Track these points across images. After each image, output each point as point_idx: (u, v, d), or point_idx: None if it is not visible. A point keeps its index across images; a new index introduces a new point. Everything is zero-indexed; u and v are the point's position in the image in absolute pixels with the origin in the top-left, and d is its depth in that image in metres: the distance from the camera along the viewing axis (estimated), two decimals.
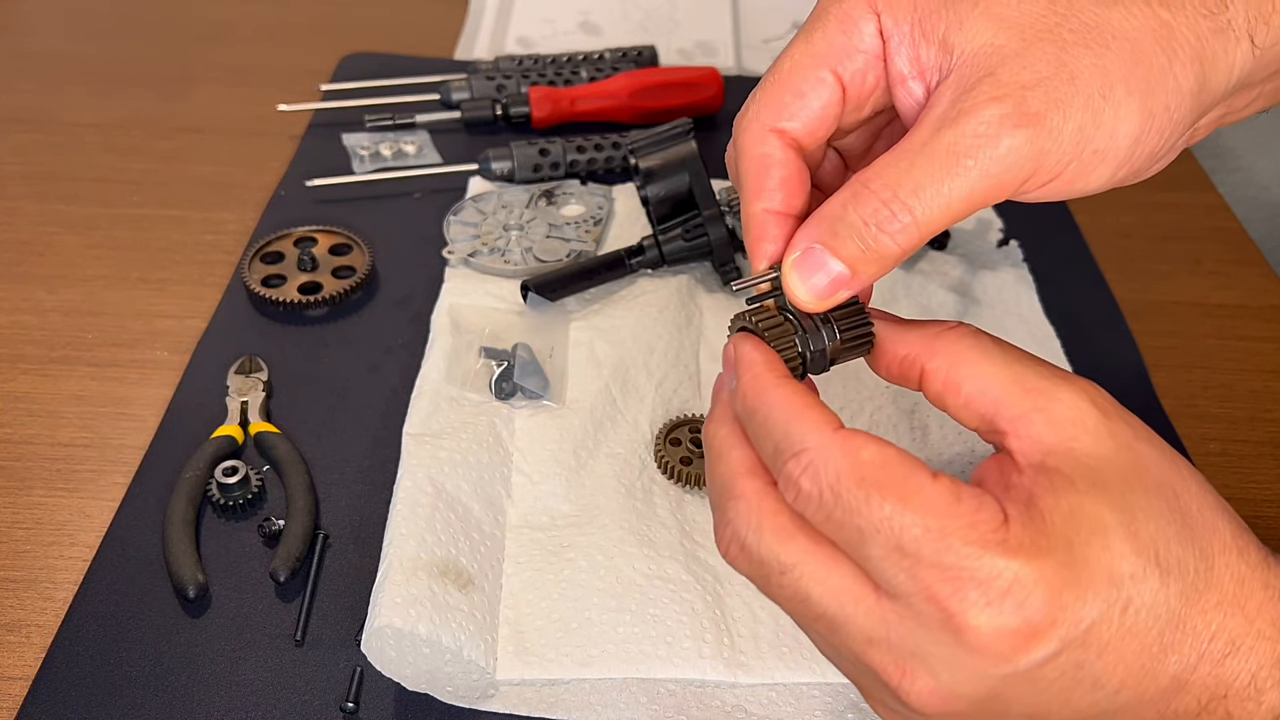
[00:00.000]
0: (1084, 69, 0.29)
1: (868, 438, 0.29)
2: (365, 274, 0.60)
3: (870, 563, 0.28)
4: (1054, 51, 0.29)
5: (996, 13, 0.30)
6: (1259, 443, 0.56)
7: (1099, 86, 0.29)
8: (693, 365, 0.55)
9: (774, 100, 0.33)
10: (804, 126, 0.33)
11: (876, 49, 0.32)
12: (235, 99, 0.78)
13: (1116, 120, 0.30)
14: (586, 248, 0.62)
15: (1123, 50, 0.29)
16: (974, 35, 0.30)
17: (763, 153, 0.33)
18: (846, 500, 0.28)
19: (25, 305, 0.59)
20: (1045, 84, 0.29)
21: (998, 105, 0.29)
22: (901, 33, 0.31)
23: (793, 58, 0.33)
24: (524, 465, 0.50)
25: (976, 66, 0.30)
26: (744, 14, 0.93)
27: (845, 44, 0.32)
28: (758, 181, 0.33)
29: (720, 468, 0.31)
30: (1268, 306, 0.65)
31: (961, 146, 0.29)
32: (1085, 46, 0.29)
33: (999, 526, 0.27)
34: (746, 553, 0.30)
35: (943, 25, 0.30)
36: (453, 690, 0.41)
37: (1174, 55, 0.30)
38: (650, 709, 0.41)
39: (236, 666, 0.42)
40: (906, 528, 0.27)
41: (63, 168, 0.70)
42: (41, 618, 0.44)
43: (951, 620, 0.27)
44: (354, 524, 0.48)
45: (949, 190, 0.29)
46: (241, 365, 0.54)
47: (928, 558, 0.27)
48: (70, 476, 0.50)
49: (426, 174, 0.69)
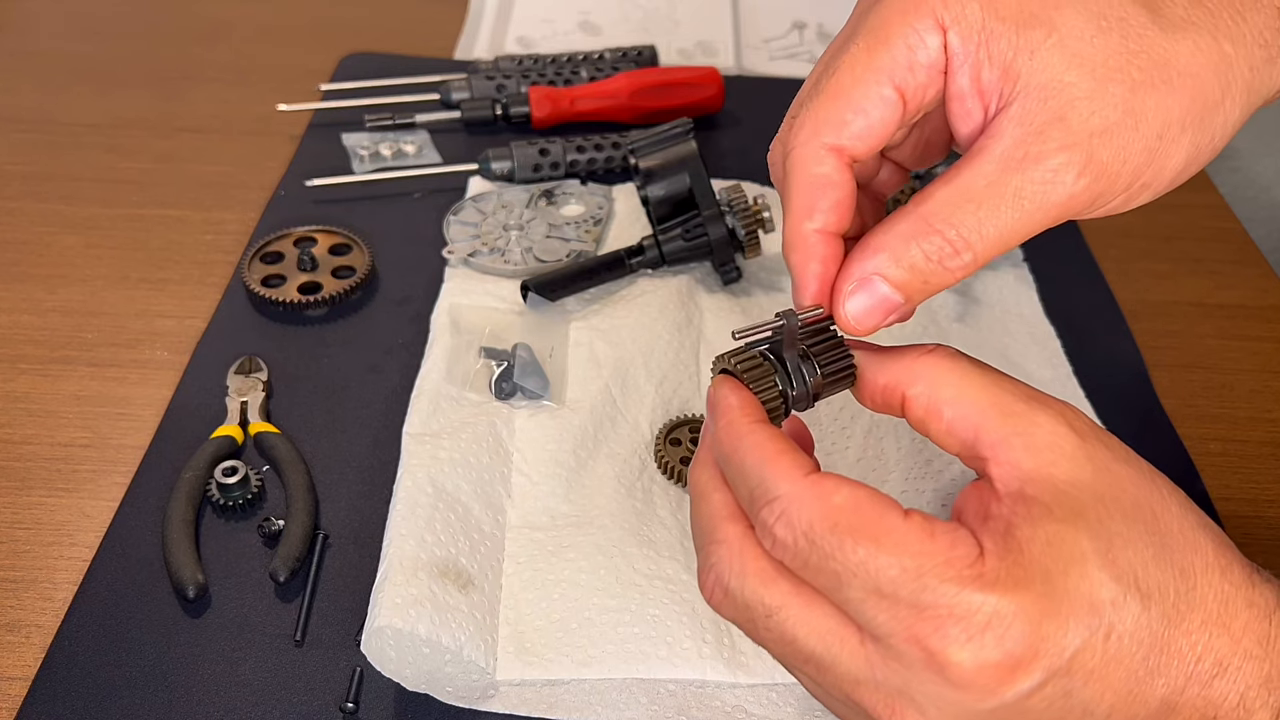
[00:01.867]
0: (1149, 110, 0.30)
1: (839, 481, 0.29)
2: (365, 274, 0.60)
3: (850, 605, 0.28)
4: (1123, 93, 0.29)
5: (1071, 47, 0.29)
6: (1259, 443, 0.56)
7: (1160, 127, 0.30)
8: (693, 365, 0.55)
9: (834, 116, 0.31)
10: (864, 144, 0.32)
11: (941, 64, 0.31)
12: (235, 99, 0.78)
13: (1168, 157, 0.30)
14: (586, 248, 0.62)
15: (1186, 88, 0.30)
16: (1044, 67, 0.30)
17: (819, 173, 0.32)
18: (821, 546, 0.28)
19: (25, 305, 0.59)
20: (1113, 131, 0.29)
21: (1066, 154, 0.29)
22: (967, 50, 0.30)
23: (853, 70, 0.31)
24: (524, 465, 0.50)
25: (1044, 103, 0.29)
26: (744, 14, 0.93)
27: (910, 59, 0.31)
28: (810, 201, 0.32)
29: (703, 511, 0.31)
30: (1268, 306, 0.65)
31: (1027, 191, 0.29)
32: (1152, 87, 0.30)
33: (975, 561, 0.27)
34: (730, 597, 0.30)
35: (1011, 50, 0.30)
36: (453, 690, 0.41)
37: (1228, 89, 0.31)
38: (650, 709, 0.41)
39: (236, 667, 0.42)
40: (882, 569, 0.27)
41: (63, 168, 0.70)
42: (41, 618, 0.44)
43: (934, 658, 0.27)
44: (354, 524, 0.48)
45: (1010, 230, 0.30)
46: (241, 365, 0.54)
47: (906, 598, 0.27)
48: (70, 476, 0.50)
49: (426, 174, 0.69)
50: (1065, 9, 0.30)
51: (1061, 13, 0.30)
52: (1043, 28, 0.30)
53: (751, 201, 0.57)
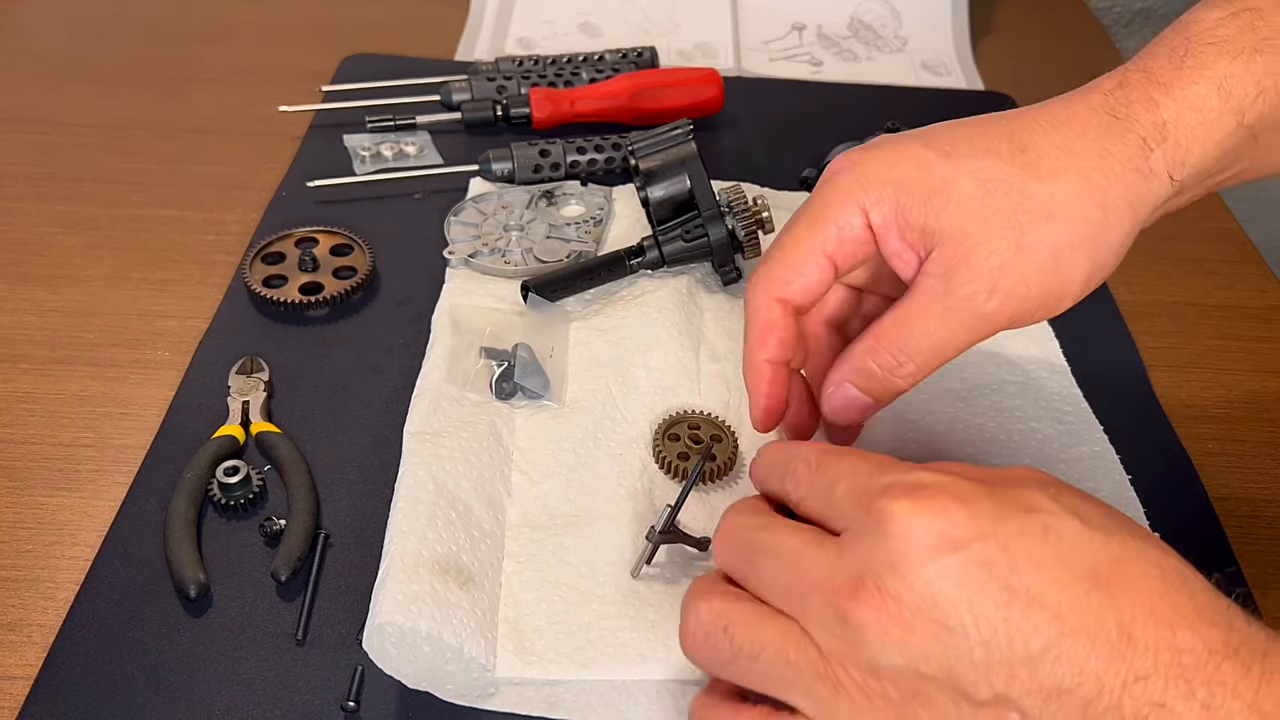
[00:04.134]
0: (1037, 244, 0.38)
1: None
2: (366, 274, 0.60)
3: (835, 506, 0.33)
4: (1013, 235, 0.38)
5: (966, 208, 0.39)
6: (1258, 443, 0.56)
7: (1051, 254, 0.38)
8: (693, 365, 0.55)
9: (778, 276, 0.42)
10: (801, 297, 0.42)
11: (864, 236, 0.41)
12: (236, 100, 0.78)
13: (1070, 275, 0.39)
14: (586, 248, 0.62)
15: (1067, 220, 0.38)
16: (949, 224, 0.39)
17: (767, 318, 0.42)
18: (822, 462, 0.35)
19: (26, 305, 0.60)
20: (1009, 265, 0.38)
21: (974, 284, 0.38)
22: (888, 223, 0.40)
23: (797, 244, 0.41)
24: (524, 464, 0.50)
25: (954, 250, 0.39)
26: (744, 15, 0.93)
27: (839, 235, 0.41)
28: (761, 338, 0.43)
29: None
30: (1267, 307, 0.65)
31: (950, 315, 0.39)
32: (1036, 225, 0.38)
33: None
34: (732, 533, 0.35)
35: (922, 217, 0.39)
36: (453, 688, 0.41)
37: (1109, 209, 0.39)
38: (650, 710, 0.41)
39: (238, 666, 0.42)
40: (860, 466, 0.33)
41: (64, 168, 0.70)
42: (43, 617, 0.44)
43: (881, 518, 0.31)
44: (355, 523, 0.48)
45: (942, 345, 0.40)
46: (243, 365, 0.54)
47: (872, 483, 0.32)
48: (71, 476, 0.50)
49: (427, 175, 0.69)
50: (960, 180, 0.39)
51: (956, 184, 0.39)
52: (942, 197, 0.39)
53: (751, 202, 0.57)
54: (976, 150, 0.40)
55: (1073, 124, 0.40)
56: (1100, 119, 0.40)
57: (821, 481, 0.34)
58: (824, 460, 0.35)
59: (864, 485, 0.32)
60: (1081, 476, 0.51)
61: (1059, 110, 0.41)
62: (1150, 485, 0.51)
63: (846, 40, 0.92)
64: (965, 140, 0.40)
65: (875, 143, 0.42)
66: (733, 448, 0.51)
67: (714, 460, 0.49)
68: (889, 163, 0.40)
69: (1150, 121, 0.39)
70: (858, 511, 0.32)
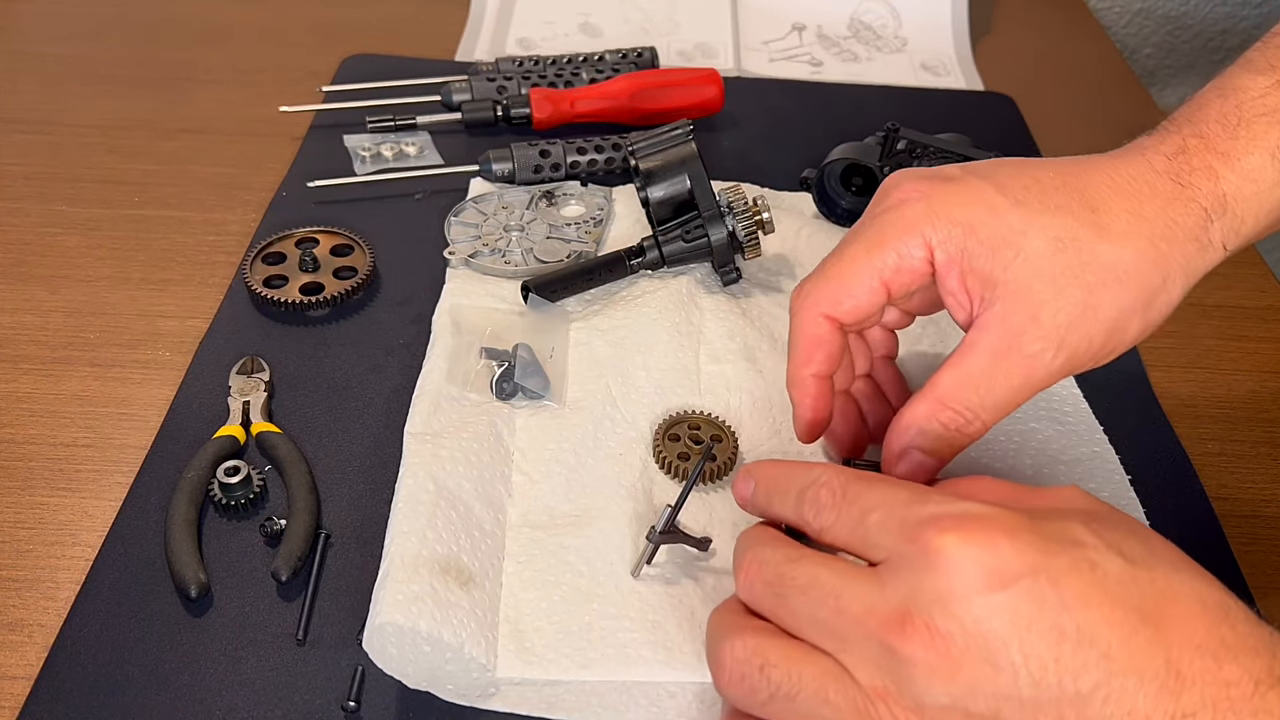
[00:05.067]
0: (1103, 304, 0.39)
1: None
2: (366, 275, 0.60)
3: (870, 534, 0.32)
4: (1081, 294, 0.39)
5: (1035, 264, 0.39)
6: (1257, 443, 0.56)
7: (1114, 315, 0.39)
8: (692, 366, 0.55)
9: (830, 294, 0.42)
10: (850, 316, 0.42)
11: (923, 269, 0.40)
12: (237, 100, 0.78)
13: (1125, 332, 0.40)
14: (587, 248, 0.62)
15: (1131, 283, 0.39)
16: (1015, 279, 0.39)
17: (815, 333, 0.42)
18: (850, 491, 0.34)
19: (27, 305, 0.60)
20: (1076, 323, 0.39)
21: (1042, 343, 0.39)
22: (951, 262, 0.40)
23: (852, 261, 0.41)
24: (524, 464, 0.50)
25: (1019, 305, 0.39)
26: (744, 16, 0.93)
27: (898, 264, 0.40)
28: (808, 353, 0.43)
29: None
30: (1266, 307, 0.65)
31: (1015, 373, 0.39)
32: (1104, 287, 0.39)
33: (969, 488, 0.34)
34: (762, 568, 0.34)
35: (988, 266, 0.39)
36: (454, 688, 0.41)
37: (1168, 276, 0.40)
38: (650, 710, 0.41)
39: (238, 666, 0.42)
40: (897, 495, 0.33)
41: (65, 168, 0.70)
42: (44, 617, 0.44)
43: (927, 551, 0.30)
44: (355, 523, 0.48)
45: (1006, 401, 0.40)
46: (243, 365, 0.54)
47: (912, 514, 0.32)
48: (72, 476, 0.50)
49: (427, 175, 0.69)
50: (1029, 234, 0.39)
51: (1026, 238, 0.39)
52: (1011, 249, 0.39)
53: (751, 203, 0.57)
54: (1048, 204, 0.40)
55: (1140, 188, 0.40)
56: (1166, 186, 0.40)
57: (851, 511, 0.33)
58: (853, 488, 0.34)
59: (904, 515, 0.32)
60: (1081, 476, 0.51)
61: (1125, 169, 0.41)
62: (1150, 485, 0.51)
63: (846, 40, 0.92)
64: (1037, 190, 0.40)
65: (944, 174, 0.42)
66: (733, 448, 0.51)
67: (714, 460, 0.50)
68: (961, 201, 0.40)
69: (1212, 192, 0.40)
70: (899, 542, 0.31)
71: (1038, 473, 0.51)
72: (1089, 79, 0.90)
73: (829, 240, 0.64)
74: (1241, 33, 1.12)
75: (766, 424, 0.53)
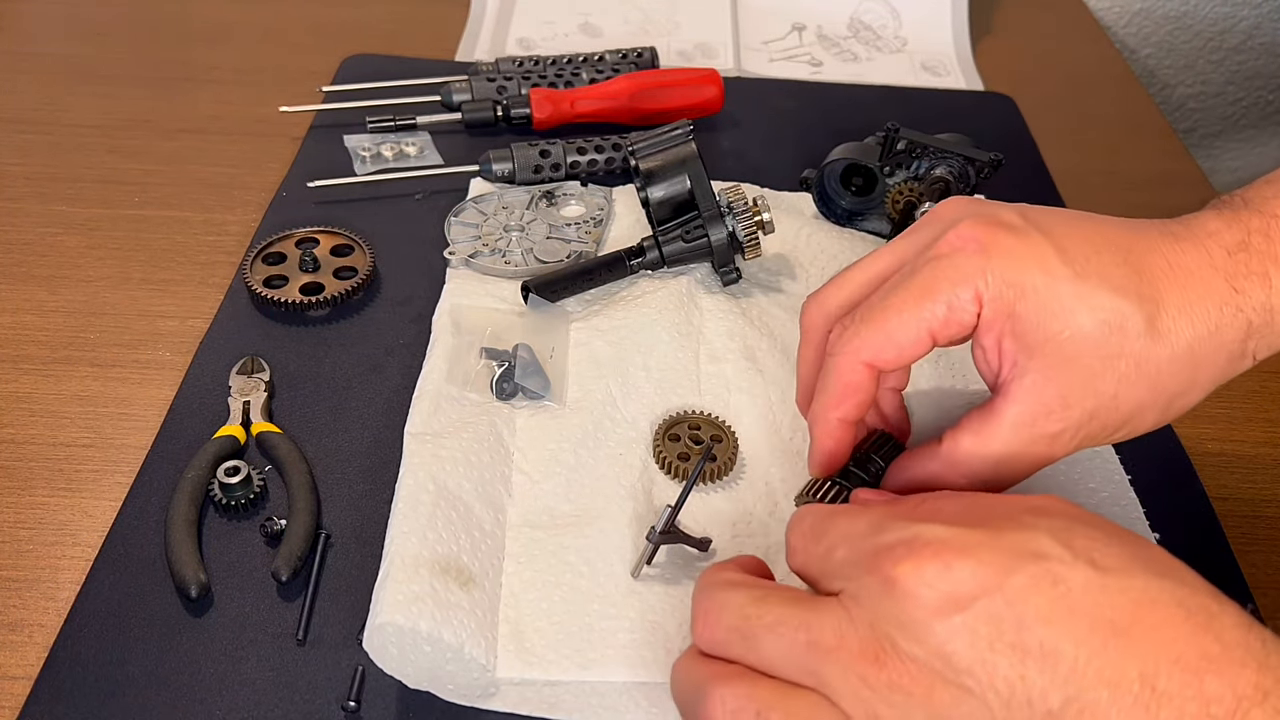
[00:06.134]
0: (1127, 399, 0.38)
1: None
2: (367, 275, 0.60)
3: (834, 569, 0.33)
4: (1112, 385, 0.38)
5: (1079, 344, 0.37)
6: (1257, 443, 0.56)
7: (1135, 409, 0.38)
8: (692, 366, 0.55)
9: (875, 343, 0.40)
10: (892, 365, 0.40)
11: (971, 323, 0.39)
12: (237, 100, 0.78)
13: (1139, 426, 0.39)
14: (587, 249, 0.62)
15: (1161, 383, 0.38)
16: (1056, 354, 0.38)
17: (853, 380, 0.41)
18: (816, 525, 0.35)
19: (27, 306, 0.60)
20: (1100, 412, 0.38)
21: (1063, 426, 0.38)
22: (997, 322, 0.38)
23: (901, 313, 0.39)
24: (525, 464, 0.50)
25: (1052, 383, 0.38)
26: (744, 16, 0.93)
27: (947, 316, 0.39)
28: (840, 398, 0.41)
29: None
30: None
31: (1032, 449, 0.39)
32: (1133, 382, 0.38)
33: (927, 509, 0.34)
34: (723, 613, 0.34)
35: (1033, 335, 0.38)
36: (454, 688, 0.41)
37: (1196, 383, 0.39)
38: (650, 711, 0.41)
39: (238, 666, 0.42)
40: (855, 526, 0.33)
41: (65, 169, 0.70)
42: (44, 617, 0.44)
43: (886, 580, 0.30)
44: (356, 523, 0.48)
45: (1015, 475, 0.39)
46: (243, 365, 0.54)
47: (870, 543, 0.32)
48: (72, 476, 0.50)
49: (428, 175, 0.69)
50: (1080, 313, 0.37)
51: (1076, 316, 0.37)
52: (1060, 323, 0.37)
53: (751, 203, 0.57)
54: (1106, 281, 0.38)
55: (1195, 284, 0.39)
56: (1221, 288, 0.39)
57: (818, 549, 0.34)
58: (820, 525, 0.35)
59: (861, 546, 0.32)
60: (1081, 476, 0.51)
61: (1183, 259, 0.39)
62: (1150, 485, 0.51)
63: (846, 40, 0.92)
64: (1098, 263, 0.38)
65: (1003, 221, 0.39)
66: (733, 448, 0.51)
67: (714, 460, 0.49)
68: (1019, 261, 0.38)
69: (1262, 305, 0.39)
70: (859, 573, 0.32)
71: (1038, 473, 0.51)
72: (1089, 79, 0.90)
73: (829, 240, 0.64)
74: (1241, 33, 1.12)
75: (766, 424, 0.53)
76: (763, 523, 0.48)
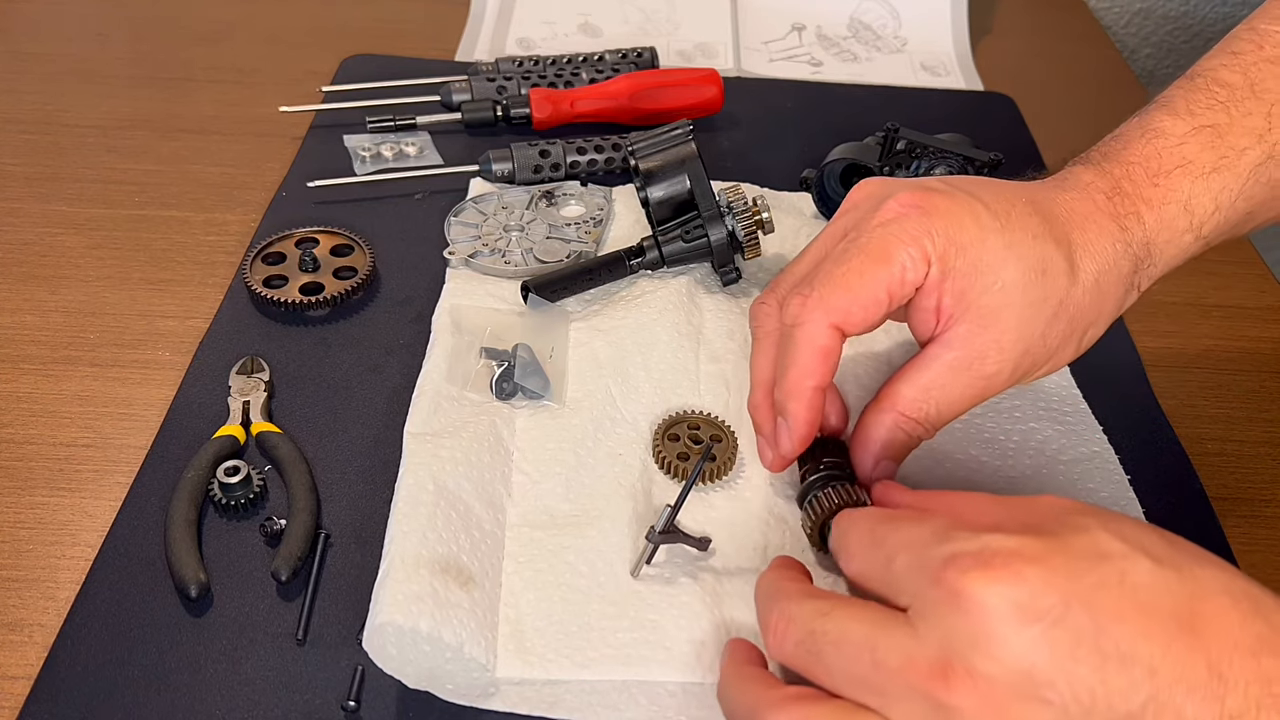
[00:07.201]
0: (1054, 335, 0.42)
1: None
2: (366, 275, 0.60)
3: (897, 580, 0.32)
4: (1041, 325, 0.42)
5: (1009, 292, 0.41)
6: (1256, 442, 0.56)
7: (1059, 343, 0.43)
8: (692, 366, 0.55)
9: (839, 305, 0.42)
10: (858, 328, 0.42)
11: (919, 281, 0.41)
12: (237, 100, 0.78)
13: (1062, 357, 0.44)
14: (587, 248, 0.62)
15: (1078, 321, 0.43)
16: (989, 303, 0.41)
17: (825, 345, 0.42)
18: (876, 532, 0.35)
19: (27, 306, 0.60)
20: (1031, 350, 0.42)
21: (998, 364, 0.42)
22: (937, 282, 0.41)
23: (859, 273, 0.41)
24: (524, 464, 0.50)
25: (985, 328, 0.41)
26: (743, 16, 0.93)
27: (902, 276, 0.41)
28: (813, 365, 0.42)
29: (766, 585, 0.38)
30: (1266, 307, 0.65)
31: (972, 387, 0.42)
32: (1056, 320, 0.42)
33: (993, 517, 0.33)
34: (793, 623, 0.34)
35: (968, 288, 0.41)
36: (453, 688, 0.41)
37: (1103, 314, 0.44)
38: (650, 710, 0.41)
39: (238, 666, 0.42)
40: (920, 535, 0.33)
41: (65, 169, 0.70)
42: (44, 617, 0.44)
43: (956, 597, 0.30)
44: (355, 523, 0.48)
45: (956, 410, 0.43)
46: (243, 365, 0.54)
47: (935, 554, 0.31)
48: (72, 476, 0.50)
49: (427, 175, 0.69)
50: (1009, 263, 0.41)
51: (1006, 266, 0.41)
52: (992, 274, 0.41)
53: (751, 202, 0.58)
54: (1027, 230, 0.42)
55: (1091, 225, 0.43)
56: (1112, 230, 0.43)
57: (878, 556, 0.33)
58: (878, 531, 0.34)
59: (926, 557, 0.31)
60: (1081, 476, 0.51)
61: (1077, 204, 0.44)
62: (1149, 485, 0.51)
63: (846, 41, 0.92)
64: (1017, 215, 0.42)
65: (929, 186, 0.43)
66: (733, 448, 0.51)
67: (714, 460, 0.50)
68: (955, 218, 0.41)
69: (1141, 239, 0.44)
70: (925, 586, 0.31)
71: (1037, 473, 0.51)
72: (1089, 79, 0.90)
73: None
74: None
75: None
76: (762, 522, 0.48)
